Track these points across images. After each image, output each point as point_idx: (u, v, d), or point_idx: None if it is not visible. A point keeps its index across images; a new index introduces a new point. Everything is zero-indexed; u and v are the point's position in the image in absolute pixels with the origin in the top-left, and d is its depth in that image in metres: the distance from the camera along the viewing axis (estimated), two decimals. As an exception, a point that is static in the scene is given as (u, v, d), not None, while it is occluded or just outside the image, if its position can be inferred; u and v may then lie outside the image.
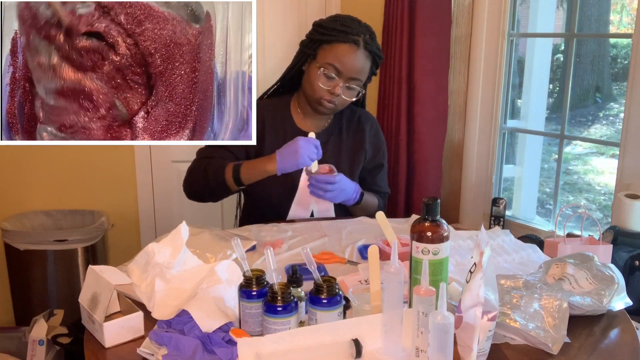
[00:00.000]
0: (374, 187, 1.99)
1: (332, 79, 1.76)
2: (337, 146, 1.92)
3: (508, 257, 1.54)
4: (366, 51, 1.76)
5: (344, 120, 1.94)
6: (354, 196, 1.80)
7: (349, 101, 1.82)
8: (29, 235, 2.51)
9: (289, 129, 1.85)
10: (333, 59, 1.74)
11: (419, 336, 1.00)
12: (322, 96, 1.77)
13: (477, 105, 2.54)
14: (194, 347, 1.03)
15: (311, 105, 1.83)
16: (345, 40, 1.74)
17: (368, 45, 1.76)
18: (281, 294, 1.08)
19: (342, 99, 1.79)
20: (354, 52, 1.74)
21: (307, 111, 1.88)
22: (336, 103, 1.79)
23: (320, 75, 1.76)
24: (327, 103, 1.78)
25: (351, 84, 1.77)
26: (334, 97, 1.77)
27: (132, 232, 2.82)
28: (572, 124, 6.00)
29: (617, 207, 1.97)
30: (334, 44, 1.75)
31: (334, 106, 1.80)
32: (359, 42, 1.75)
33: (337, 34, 1.75)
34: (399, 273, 1.04)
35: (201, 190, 1.83)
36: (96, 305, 1.14)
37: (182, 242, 1.25)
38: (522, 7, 2.62)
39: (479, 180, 2.60)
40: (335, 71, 1.75)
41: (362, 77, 1.80)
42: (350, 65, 1.74)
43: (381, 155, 2.01)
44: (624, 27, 6.30)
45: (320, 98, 1.78)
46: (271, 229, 1.73)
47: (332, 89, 1.76)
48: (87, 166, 2.73)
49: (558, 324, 1.12)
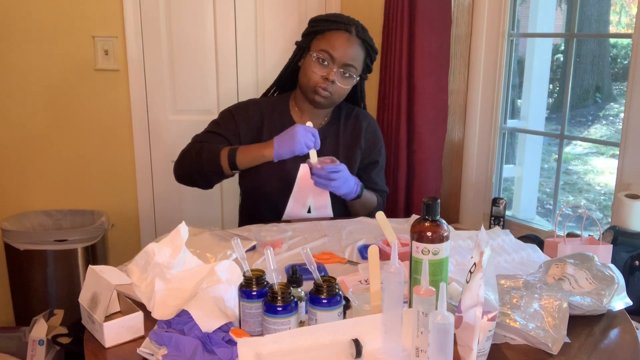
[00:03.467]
0: (370, 184, 1.99)
1: (326, 65, 1.80)
2: (335, 142, 1.93)
3: (508, 257, 1.54)
4: (359, 39, 1.82)
5: (342, 117, 1.97)
6: (355, 188, 1.82)
7: (345, 89, 1.84)
8: (29, 235, 2.51)
9: (287, 125, 1.86)
10: (326, 45, 1.80)
11: (419, 336, 1.00)
12: (317, 83, 1.80)
13: (477, 105, 2.54)
14: (194, 347, 1.03)
15: (308, 97, 1.85)
16: (338, 28, 1.81)
17: (360, 34, 1.83)
18: (281, 294, 1.08)
19: (338, 86, 1.81)
20: (346, 39, 1.80)
21: (305, 108, 1.90)
22: (332, 92, 1.82)
23: (315, 62, 1.81)
24: (322, 91, 1.81)
25: (345, 70, 1.81)
26: (329, 85, 1.80)
27: (132, 232, 2.82)
28: (572, 124, 6.00)
29: (617, 207, 1.97)
30: (326, 33, 1.82)
31: (329, 94, 1.82)
32: (351, 30, 1.81)
33: (330, 24, 1.82)
34: (399, 273, 1.04)
35: (193, 173, 1.83)
36: (96, 305, 1.14)
37: (182, 242, 1.25)
38: (522, 7, 2.62)
39: (479, 180, 2.60)
40: (328, 57, 1.79)
41: (356, 64, 1.83)
42: (342, 50, 1.79)
43: (377, 152, 2.01)
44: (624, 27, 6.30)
45: (315, 85, 1.81)
46: (271, 229, 1.73)
47: (326, 74, 1.80)
48: (87, 166, 2.73)
49: (558, 324, 1.12)
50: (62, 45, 2.60)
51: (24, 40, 2.58)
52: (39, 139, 2.68)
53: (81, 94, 2.66)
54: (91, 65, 2.63)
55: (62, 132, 2.69)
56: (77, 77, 2.64)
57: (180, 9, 2.66)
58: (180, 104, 2.75)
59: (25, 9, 2.55)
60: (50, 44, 2.59)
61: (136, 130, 2.72)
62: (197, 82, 2.74)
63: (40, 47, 2.59)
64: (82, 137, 2.70)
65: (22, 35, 2.57)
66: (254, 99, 1.99)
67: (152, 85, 2.70)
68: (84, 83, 2.65)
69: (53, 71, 2.62)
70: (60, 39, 2.59)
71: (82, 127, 2.70)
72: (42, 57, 2.60)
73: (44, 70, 2.61)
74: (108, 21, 2.60)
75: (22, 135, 2.67)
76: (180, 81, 2.73)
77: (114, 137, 2.72)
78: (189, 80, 2.73)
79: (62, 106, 2.66)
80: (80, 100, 2.67)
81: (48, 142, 2.69)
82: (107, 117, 2.70)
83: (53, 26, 2.58)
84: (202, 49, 2.71)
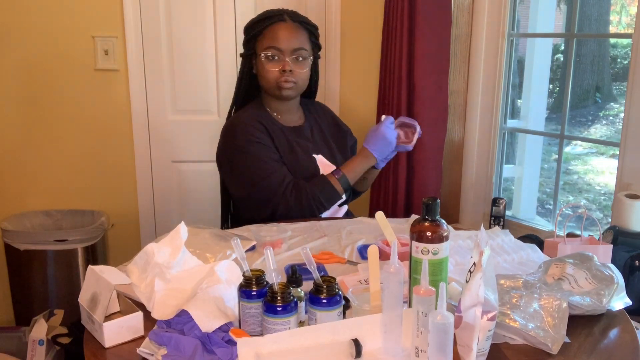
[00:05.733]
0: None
1: (278, 59, 1.82)
2: (320, 131, 2.00)
3: (508, 257, 1.54)
4: (295, 23, 1.86)
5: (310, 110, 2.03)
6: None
7: (304, 73, 1.87)
8: (29, 235, 2.51)
9: (279, 131, 1.89)
10: (269, 42, 1.83)
11: (419, 336, 1.00)
12: (277, 78, 1.83)
13: (477, 105, 2.54)
14: (193, 347, 1.03)
15: (274, 94, 1.88)
16: (271, 22, 1.84)
17: (294, 17, 1.86)
18: (281, 294, 1.08)
19: (297, 72, 1.84)
20: (283, 27, 1.83)
21: (278, 107, 1.93)
22: (294, 80, 1.84)
23: (266, 61, 1.83)
24: (284, 83, 1.83)
25: (296, 55, 1.83)
26: (288, 75, 1.82)
27: (132, 232, 2.82)
28: (572, 124, 6.00)
29: (617, 207, 1.97)
30: (264, 31, 1.85)
31: (293, 84, 1.84)
32: (285, 18, 1.85)
33: (263, 22, 1.86)
34: (398, 273, 1.04)
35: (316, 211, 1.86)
36: (96, 305, 1.14)
37: (182, 242, 1.25)
38: (522, 7, 2.62)
39: (479, 180, 2.60)
40: (276, 51, 1.82)
41: (304, 45, 1.86)
42: (284, 38, 1.82)
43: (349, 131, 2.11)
44: (624, 27, 6.30)
45: (276, 81, 1.83)
46: (271, 228, 1.73)
47: (281, 67, 1.82)
48: (87, 166, 2.73)
49: (558, 324, 1.12)
50: (62, 45, 2.60)
51: (24, 39, 2.58)
52: (39, 138, 2.68)
53: (81, 94, 2.66)
54: (91, 65, 2.63)
55: (62, 132, 2.69)
56: (77, 77, 2.64)
57: (180, 9, 2.65)
58: (180, 104, 2.75)
59: (25, 9, 2.55)
60: (51, 44, 2.59)
61: (136, 130, 2.72)
62: (197, 82, 2.74)
63: (40, 47, 2.59)
64: (82, 137, 2.71)
65: (22, 35, 2.57)
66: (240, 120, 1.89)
67: (152, 85, 2.70)
68: (84, 83, 2.65)
69: (53, 71, 2.62)
70: (60, 39, 2.59)
71: (82, 127, 2.70)
72: (42, 57, 2.60)
73: (44, 70, 2.61)
74: (108, 21, 2.60)
75: (22, 135, 2.67)
76: (180, 81, 2.73)
77: (114, 137, 2.72)
78: (189, 80, 2.73)
79: (62, 106, 2.66)
80: (80, 100, 2.67)
81: (48, 142, 2.69)
82: (107, 117, 2.70)
83: (53, 26, 2.58)
84: (202, 49, 2.71)
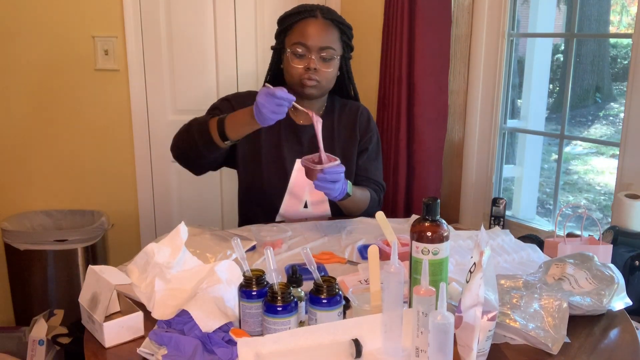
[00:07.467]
0: (361, 172, 1.96)
1: (304, 56, 1.79)
2: (330, 136, 1.92)
3: (508, 257, 1.54)
4: (326, 20, 1.82)
5: (335, 110, 1.95)
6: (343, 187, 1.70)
7: (330, 72, 1.83)
8: (29, 235, 2.51)
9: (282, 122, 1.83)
10: (297, 37, 1.79)
11: (419, 336, 1.00)
12: (301, 75, 1.80)
13: (477, 105, 2.54)
14: (194, 347, 1.03)
15: (297, 91, 1.84)
16: (302, 18, 1.81)
17: (326, 14, 1.82)
18: (281, 294, 1.08)
19: (322, 72, 1.80)
20: (313, 24, 1.80)
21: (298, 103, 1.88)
22: (318, 79, 1.80)
23: (292, 57, 1.80)
24: (308, 81, 1.80)
25: (323, 54, 1.80)
26: (313, 73, 1.79)
27: (132, 232, 2.82)
28: (572, 124, 6.00)
29: (617, 207, 1.97)
30: (294, 26, 1.82)
31: (317, 83, 1.81)
32: (316, 14, 1.81)
33: (294, 16, 1.82)
34: (398, 273, 1.04)
35: (186, 149, 1.76)
36: (96, 305, 1.14)
37: (182, 242, 1.25)
38: (522, 7, 2.62)
39: (479, 180, 2.60)
40: (303, 47, 1.79)
41: (333, 45, 1.82)
42: (313, 35, 1.78)
43: (367, 139, 1.97)
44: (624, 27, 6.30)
45: (300, 78, 1.80)
46: (271, 229, 1.73)
47: (307, 64, 1.79)
48: (87, 166, 2.73)
49: (558, 324, 1.12)
50: (62, 45, 2.60)
51: (24, 40, 2.58)
52: (39, 138, 2.68)
53: (81, 94, 2.66)
54: (91, 65, 2.63)
55: (62, 132, 2.69)
56: (77, 77, 2.64)
57: (180, 9, 2.66)
58: (180, 104, 2.75)
59: (25, 9, 2.55)
60: (50, 44, 2.59)
61: (136, 130, 2.72)
62: (197, 82, 2.74)
63: (40, 47, 2.59)
64: (82, 137, 2.71)
65: (22, 35, 2.57)
66: (253, 91, 1.96)
67: (152, 85, 2.70)
68: (84, 83, 2.65)
69: (53, 71, 2.62)
70: (60, 39, 2.59)
71: (82, 127, 2.70)
72: (42, 57, 2.60)
73: (44, 70, 2.61)
74: (108, 21, 2.60)
75: (22, 135, 2.67)
76: (180, 81, 2.73)
77: (114, 137, 2.72)
78: (189, 80, 2.73)
79: (62, 106, 2.66)
80: (80, 100, 2.67)
81: (48, 142, 2.69)
82: (107, 117, 2.70)
83: (53, 26, 2.58)
84: (202, 48, 2.71)
